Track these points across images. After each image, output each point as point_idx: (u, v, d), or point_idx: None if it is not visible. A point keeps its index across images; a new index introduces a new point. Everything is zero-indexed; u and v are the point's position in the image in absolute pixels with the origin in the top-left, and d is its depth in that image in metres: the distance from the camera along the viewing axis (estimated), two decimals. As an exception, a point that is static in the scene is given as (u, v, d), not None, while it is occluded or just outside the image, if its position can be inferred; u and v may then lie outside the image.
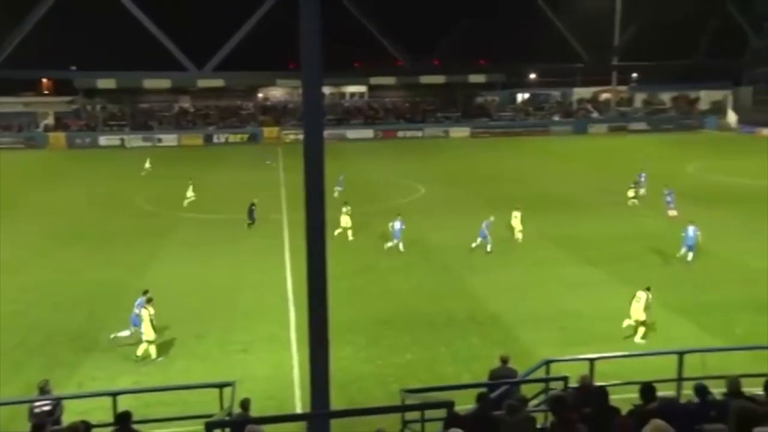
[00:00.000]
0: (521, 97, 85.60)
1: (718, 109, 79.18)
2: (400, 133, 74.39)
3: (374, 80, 76.98)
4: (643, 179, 37.03)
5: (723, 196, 35.78)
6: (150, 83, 70.14)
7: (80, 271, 24.43)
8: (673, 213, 31.17)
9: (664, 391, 11.04)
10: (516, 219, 28.17)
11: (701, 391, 8.46)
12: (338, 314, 18.17)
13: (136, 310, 17.31)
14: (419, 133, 74.40)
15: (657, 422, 4.47)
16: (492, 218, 26.97)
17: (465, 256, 25.67)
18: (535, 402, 10.81)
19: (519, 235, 27.70)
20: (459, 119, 77.41)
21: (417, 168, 49.68)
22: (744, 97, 76.10)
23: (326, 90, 78.65)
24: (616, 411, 7.97)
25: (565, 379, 10.74)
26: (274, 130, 73.46)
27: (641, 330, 17.50)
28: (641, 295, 17.62)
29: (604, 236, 28.20)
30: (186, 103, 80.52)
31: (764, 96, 74.24)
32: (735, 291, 20.81)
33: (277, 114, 78.28)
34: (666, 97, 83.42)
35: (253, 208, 31.05)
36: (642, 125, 76.64)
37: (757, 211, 31.78)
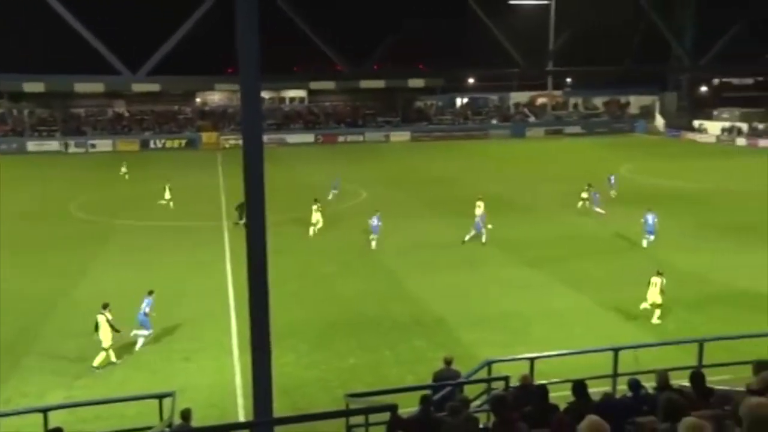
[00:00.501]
0: (460, 101, 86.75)
1: (647, 113, 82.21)
2: (341, 138, 74.35)
3: (314, 85, 76.68)
4: (612, 181, 37.98)
5: (653, 197, 37.03)
6: (82, 87, 67.87)
7: (5, 282, 23.39)
8: (599, 211, 32.49)
9: (601, 387, 11.45)
10: (479, 209, 30.14)
11: (634, 385, 8.79)
12: (281, 320, 18.02)
13: (146, 309, 17.64)
14: (360, 138, 74.54)
15: (592, 418, 4.60)
16: (482, 210, 29.73)
17: (408, 258, 25.84)
18: (477, 402, 10.97)
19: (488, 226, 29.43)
20: (399, 124, 77.90)
21: (358, 172, 49.72)
22: (669, 102, 79.24)
23: (265, 94, 77.91)
24: (555, 408, 8.17)
25: (506, 378, 10.94)
26: (213, 136, 72.29)
27: (657, 312, 18.81)
28: (656, 280, 18.93)
29: (543, 238, 28.85)
30: (121, 107, 78.36)
31: (687, 101, 77.50)
32: (667, 289, 21.57)
33: (215, 119, 77.06)
34: (599, 101, 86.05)
35: (243, 209, 30.03)
36: (577, 129, 78.81)
37: (685, 211, 33.14)
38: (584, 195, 33.97)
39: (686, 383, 8.61)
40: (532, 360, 11.85)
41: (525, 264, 25.01)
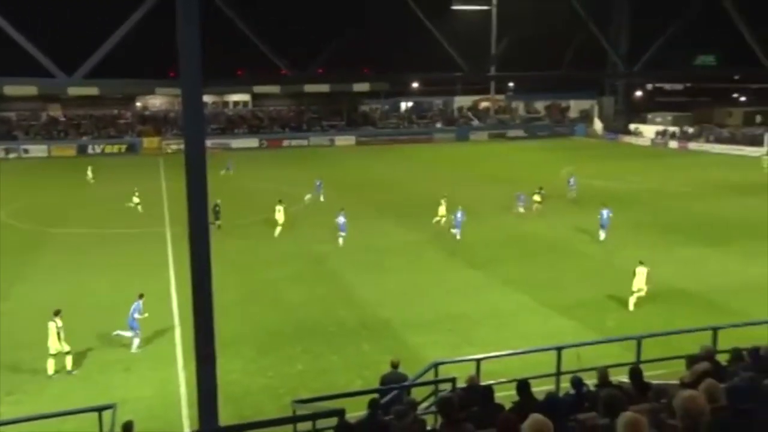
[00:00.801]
0: (405, 105, 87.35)
1: (586, 117, 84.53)
2: (286, 142, 73.87)
3: (258, 89, 75.97)
4: (572, 182, 38.83)
5: (592, 198, 38.04)
6: (12, 90, 65.34)
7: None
8: (521, 210, 33.74)
9: (546, 386, 11.67)
10: (442, 206, 31.69)
11: (576, 383, 9.00)
12: (226, 327, 17.76)
13: (136, 315, 17.65)
14: (305, 142, 74.21)
15: (535, 416, 4.69)
16: (444, 208, 31.47)
17: (354, 262, 25.83)
18: (425, 404, 11.03)
19: (442, 221, 31.17)
20: (344, 128, 77.90)
21: (303, 177, 49.43)
22: (607, 106, 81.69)
23: (208, 98, 76.75)
24: (501, 408, 8.28)
25: (453, 380, 11.03)
26: (155, 140, 70.80)
27: (634, 299, 20.30)
28: (641, 270, 20.43)
29: (487, 239, 29.25)
30: (56, 111, 75.91)
31: (623, 105, 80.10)
32: (606, 287, 22.19)
33: (157, 123, 75.47)
34: (540, 105, 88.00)
35: (217, 209, 30.79)
36: (519, 132, 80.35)
37: (622, 211, 34.10)
38: (537, 198, 34.68)
39: (626, 379, 8.88)
40: (478, 361, 11.98)
41: (470, 266, 25.31)
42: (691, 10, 10.18)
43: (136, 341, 17.76)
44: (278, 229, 30.36)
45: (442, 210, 31.56)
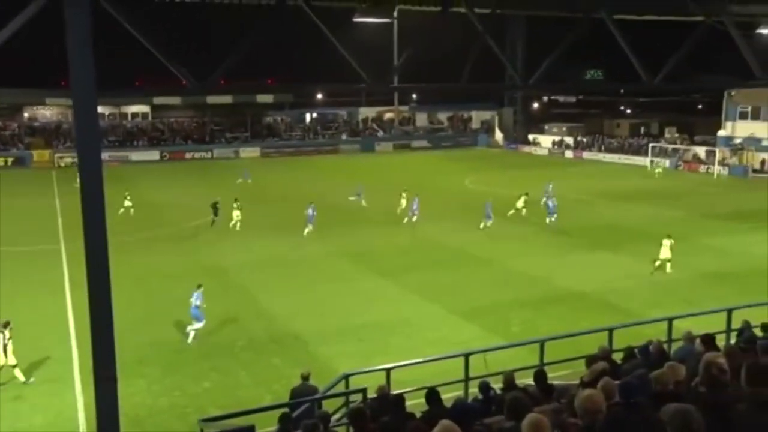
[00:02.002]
0: (310, 116, 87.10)
1: (488, 127, 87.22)
2: (188, 154, 71.94)
3: (158, 100, 73.62)
4: (550, 189, 39.24)
5: (495, 206, 39.22)
6: None
7: None
8: (414, 219, 34.47)
9: (455, 392, 11.88)
10: (403, 198, 35.91)
11: (484, 388, 9.23)
12: (128, 346, 17.02)
13: (198, 302, 18.89)
14: (208, 154, 72.55)
15: (444, 423, 4.79)
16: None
17: (261, 275, 25.43)
18: (337, 416, 10.98)
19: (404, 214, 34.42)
20: (248, 139, 76.75)
21: (207, 189, 48.30)
22: (507, 117, 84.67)
23: (104, 110, 73.71)
24: (411, 417, 8.36)
25: (363, 390, 11.04)
26: (46, 153, 67.08)
27: (668, 264, 24.58)
28: (666, 242, 24.64)
29: (394, 248, 29.55)
30: (-67, 122, 70.73)
31: (521, 117, 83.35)
32: (510, 293, 22.91)
33: (48, 135, 71.59)
34: (443, 116, 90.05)
35: (217, 206, 33.87)
36: (423, 143, 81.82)
37: (522, 220, 35.38)
38: (519, 204, 35.95)
39: (532, 381, 9.18)
40: (388, 370, 12.06)
41: (378, 275, 25.46)
42: (580, 29, 10.73)
43: (193, 333, 18.87)
44: (233, 224, 33.24)
45: (403, 202, 36.38)
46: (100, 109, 7.38)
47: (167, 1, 9.73)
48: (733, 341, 12.08)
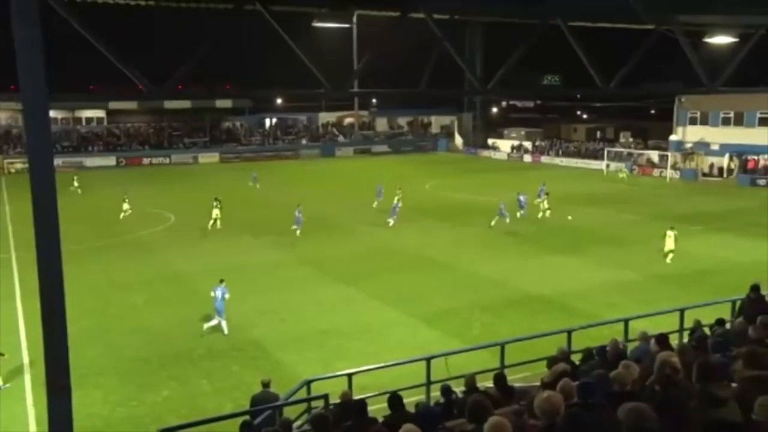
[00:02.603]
0: (269, 121, 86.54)
1: (448, 132, 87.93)
2: (146, 160, 70.81)
3: (114, 104, 72.16)
4: (544, 189, 39.63)
5: (455, 211, 39.58)
6: None
7: None
8: (391, 221, 34.87)
9: (418, 396, 11.92)
10: (397, 196, 37.39)
11: (445, 391, 9.27)
12: (83, 357, 16.70)
13: (226, 296, 19.80)
14: (166, 160, 71.50)
15: (407, 427, 4.80)
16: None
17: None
18: (298, 423, 10.90)
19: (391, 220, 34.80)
20: (207, 144, 75.89)
21: (165, 196, 47.61)
22: (466, 122, 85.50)
23: (56, 114, 72.04)
24: (374, 421, 8.34)
25: (325, 396, 10.99)
26: (-5, 159, 65.26)
27: (671, 255, 26.90)
28: (670, 233, 27.01)
29: (355, 254, 29.51)
30: None
31: (481, 122, 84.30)
32: (470, 297, 23.09)
33: (-3, 140, 69.61)
34: (403, 121, 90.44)
35: (219, 205, 35.23)
36: (384, 147, 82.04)
37: (482, 222, 35.74)
38: (544, 204, 37.35)
39: (492, 384, 9.24)
40: (350, 376, 12.03)
41: (339, 281, 25.39)
42: (536, 36, 10.91)
43: (224, 324, 19.63)
44: (211, 223, 34.37)
45: (395, 200, 37.68)
46: (52, 113, 7.20)
47: (122, 4, 9.56)
48: (686, 340, 12.40)
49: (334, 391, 10.64)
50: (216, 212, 34.96)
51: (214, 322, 19.77)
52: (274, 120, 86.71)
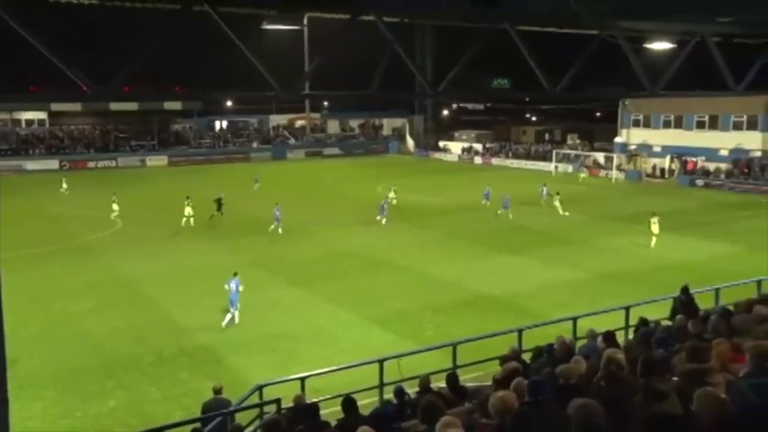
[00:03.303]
0: (219, 124, 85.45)
1: (399, 134, 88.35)
2: (91, 163, 69.06)
3: (56, 106, 70.14)
4: (545, 191, 42.20)
5: (407, 213, 39.74)
6: None
7: None
8: (383, 221, 35.88)
9: (372, 398, 11.93)
10: (391, 192, 40.35)
11: (399, 393, 9.31)
12: (22, 367, 16.18)
13: (240, 288, 20.54)
14: (112, 163, 69.86)
15: (362, 429, 4.80)
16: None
17: (170, 287, 24.64)
18: (251, 429, 10.78)
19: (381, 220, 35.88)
20: (155, 147, 74.45)
21: (112, 200, 46.45)
22: (417, 124, 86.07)
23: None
24: (326, 425, 8.32)
25: (277, 401, 10.89)
26: None
27: (654, 239, 30.28)
28: (654, 220, 30.47)
29: (307, 257, 29.35)
30: None
31: (432, 124, 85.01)
32: (422, 298, 23.22)
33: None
34: (355, 123, 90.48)
35: (222, 202, 37.01)
36: (335, 150, 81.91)
37: (434, 224, 36.04)
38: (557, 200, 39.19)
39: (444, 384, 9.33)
40: (302, 379, 11.96)
41: (292, 284, 25.22)
42: (484, 40, 11.06)
43: (236, 314, 20.40)
44: (184, 220, 35.41)
45: (391, 194, 40.89)
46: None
47: (63, 2, 9.29)
48: (631, 336, 12.74)
49: (287, 396, 10.56)
50: (188, 210, 35.68)
51: (230, 316, 20.46)
52: (224, 122, 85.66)
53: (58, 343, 19.31)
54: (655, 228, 30.61)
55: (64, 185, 50.21)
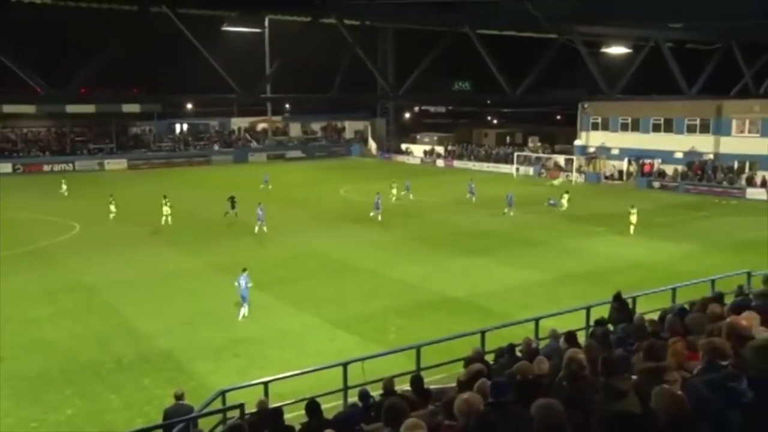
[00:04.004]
0: (180, 127, 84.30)
1: (361, 137, 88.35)
2: (47, 167, 67.48)
3: (8, 108, 68.21)
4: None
5: (365, 215, 39.75)
6: None
7: None
8: (376, 215, 37.37)
9: (336, 402, 11.89)
10: (394, 189, 43.17)
11: (363, 396, 9.30)
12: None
13: (250, 284, 21.31)
14: (69, 167, 68.36)
15: (326, 432, 4.80)
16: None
17: (130, 292, 24.19)
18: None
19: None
20: (114, 150, 73.12)
21: (69, 204, 45.48)
22: (380, 127, 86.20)
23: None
24: (290, 429, 8.27)
25: (241, 406, 10.79)
26: None
27: (632, 227, 33.87)
28: (633, 210, 34.16)
29: (268, 261, 29.08)
30: None
31: (394, 127, 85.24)
32: (385, 300, 23.25)
33: None
34: (317, 126, 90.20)
35: (235, 200, 37.47)
36: (298, 153, 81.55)
37: (397, 226, 36.11)
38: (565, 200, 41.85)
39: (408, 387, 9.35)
40: (266, 384, 11.87)
41: (253, 287, 24.91)
42: (445, 43, 11.16)
43: (247, 309, 21.11)
44: (164, 219, 36.11)
45: (394, 191, 43.72)
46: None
47: (14, 2, 9.08)
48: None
49: (251, 401, 10.48)
50: (166, 209, 36.13)
51: (243, 311, 21.22)
52: (185, 125, 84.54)
53: (13, 351, 18.78)
54: (633, 218, 34.09)
55: (64, 186, 49.97)
